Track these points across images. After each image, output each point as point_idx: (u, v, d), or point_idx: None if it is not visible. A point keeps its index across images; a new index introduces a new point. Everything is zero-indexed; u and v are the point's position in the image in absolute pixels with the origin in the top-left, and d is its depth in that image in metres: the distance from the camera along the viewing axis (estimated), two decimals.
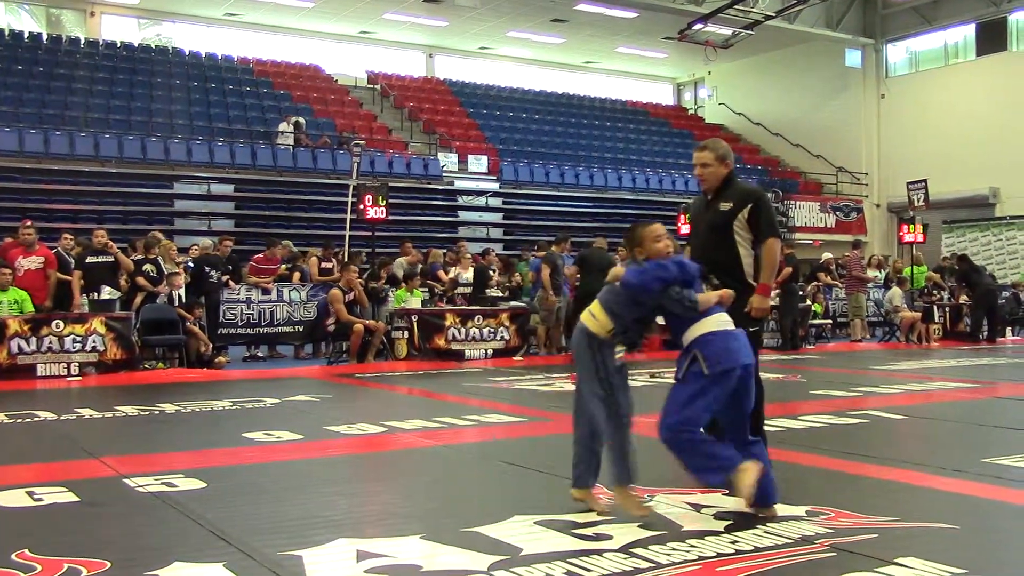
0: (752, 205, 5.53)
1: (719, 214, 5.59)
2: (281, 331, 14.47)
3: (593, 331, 4.57)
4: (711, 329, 4.52)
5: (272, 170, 22.41)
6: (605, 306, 4.58)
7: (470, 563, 3.76)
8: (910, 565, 3.66)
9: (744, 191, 5.68)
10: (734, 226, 5.53)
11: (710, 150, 5.69)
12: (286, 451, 6.53)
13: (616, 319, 4.54)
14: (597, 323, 4.57)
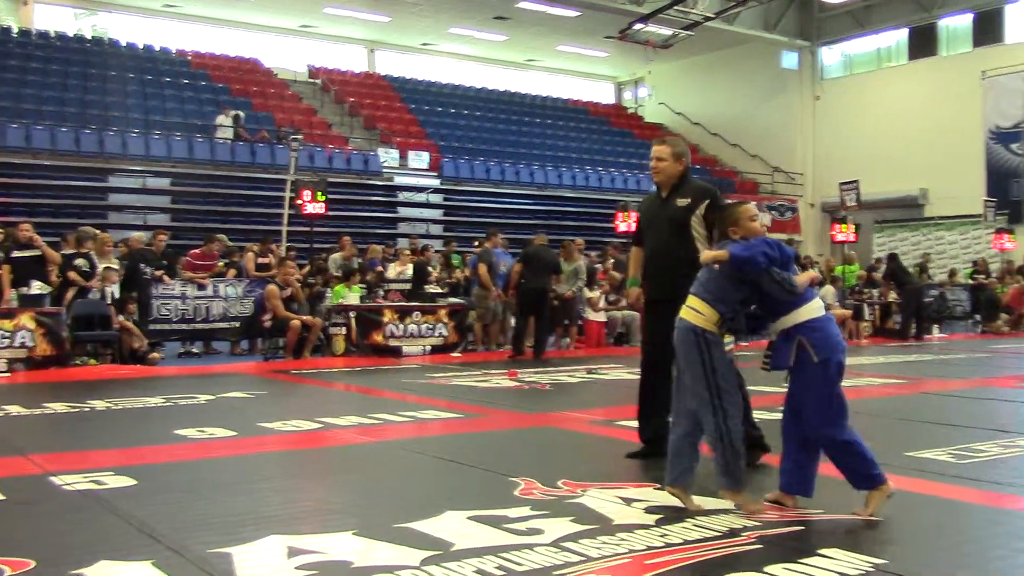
0: (709, 201, 5.59)
1: (677, 210, 5.64)
2: (216, 327, 14.30)
3: (701, 326, 4.44)
4: (815, 315, 4.46)
5: (210, 164, 22.12)
6: (707, 295, 4.46)
7: (402, 558, 3.76)
8: (833, 556, 3.75)
9: (700, 187, 5.76)
10: (691, 222, 5.58)
11: (668, 145, 5.77)
12: (218, 448, 6.47)
13: (722, 306, 4.43)
14: (703, 317, 4.44)
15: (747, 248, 4.38)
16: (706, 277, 4.53)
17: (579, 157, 29.50)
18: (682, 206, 5.64)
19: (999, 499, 4.92)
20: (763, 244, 4.43)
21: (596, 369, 11.89)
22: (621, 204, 20.16)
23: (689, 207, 5.62)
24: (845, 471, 4.51)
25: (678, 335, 4.54)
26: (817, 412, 4.44)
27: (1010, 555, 3.96)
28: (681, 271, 5.41)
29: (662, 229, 5.77)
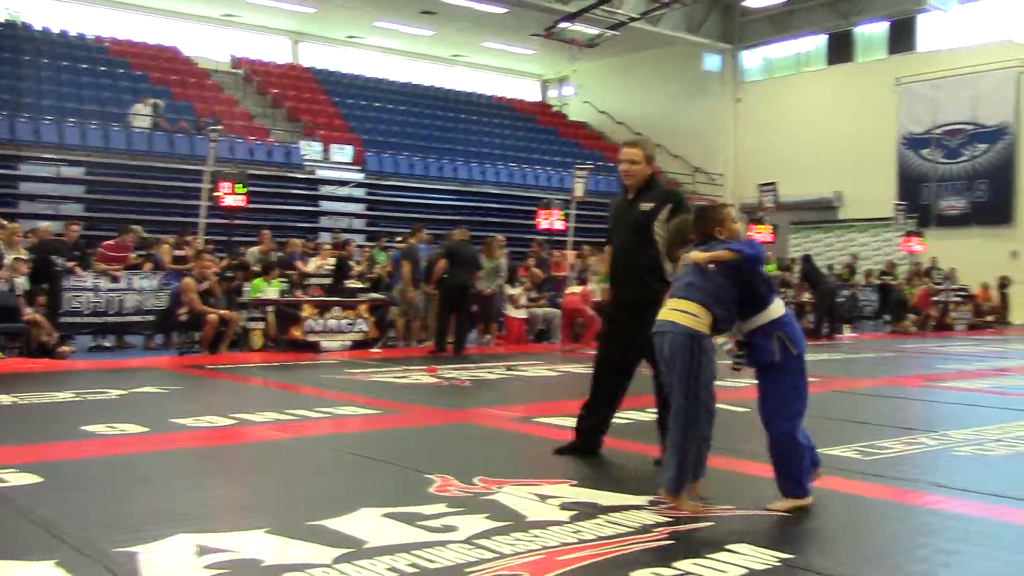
0: (672, 205, 5.55)
1: (641, 214, 5.61)
2: (130, 320, 13.95)
3: (698, 330, 4.43)
4: (784, 311, 4.61)
5: (126, 153, 21.59)
6: (701, 297, 4.44)
7: (314, 556, 3.73)
8: (741, 551, 3.83)
9: (664, 192, 5.76)
10: (654, 226, 5.54)
11: (640, 148, 5.71)
12: (129, 444, 6.32)
13: (719, 307, 4.45)
14: (698, 320, 4.44)
15: (751, 246, 4.48)
16: (697, 279, 4.50)
17: (503, 154, 29.54)
18: (645, 210, 5.61)
19: (902, 495, 5.07)
20: (757, 245, 4.58)
21: (516, 366, 11.93)
22: (544, 202, 20.24)
23: (652, 211, 5.58)
24: (781, 472, 4.62)
25: (671, 339, 4.50)
26: (787, 404, 4.61)
27: (912, 549, 4.09)
28: (642, 275, 5.57)
29: (626, 231, 5.74)
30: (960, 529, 4.41)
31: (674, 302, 4.53)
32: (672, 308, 4.52)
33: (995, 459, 6.05)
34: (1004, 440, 6.67)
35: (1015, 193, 27.07)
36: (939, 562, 3.85)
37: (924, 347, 17.02)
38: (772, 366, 4.61)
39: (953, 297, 23.80)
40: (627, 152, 5.73)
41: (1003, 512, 4.67)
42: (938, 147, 28.51)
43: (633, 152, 5.70)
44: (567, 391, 10.00)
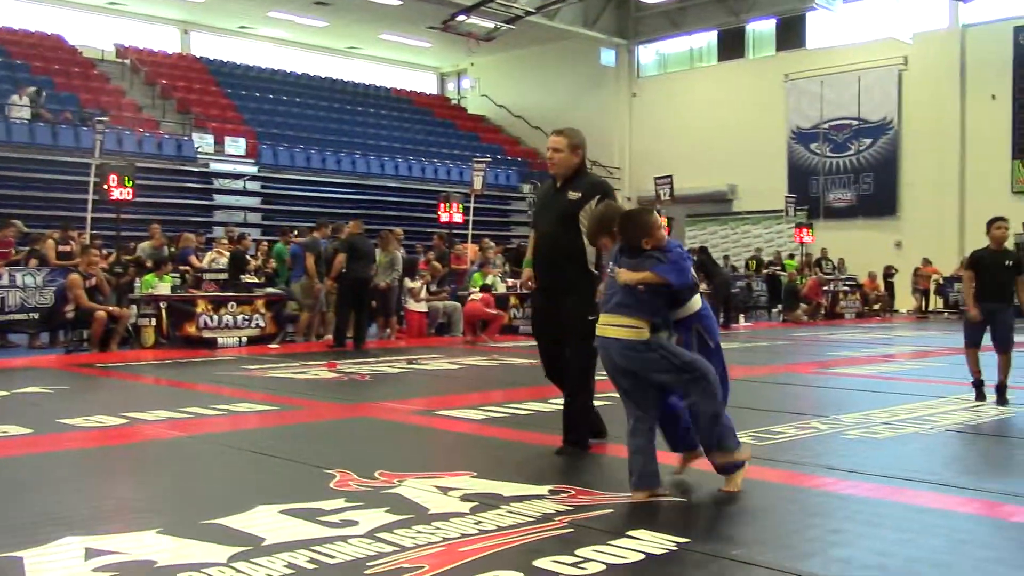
0: (600, 196, 5.55)
1: (568, 203, 5.60)
2: (13, 318, 13.39)
3: (643, 340, 4.49)
4: (701, 303, 4.72)
5: (6, 145, 20.72)
6: (634, 310, 4.50)
7: (209, 555, 3.63)
8: (640, 537, 3.88)
9: (593, 182, 5.74)
10: (580, 216, 5.55)
11: (565, 136, 5.70)
12: (12, 446, 6.06)
13: (654, 316, 4.52)
14: (638, 331, 4.49)
15: (680, 273, 4.52)
16: (627, 298, 4.52)
17: (402, 147, 29.36)
18: (573, 199, 5.61)
19: (794, 477, 5.21)
20: (685, 259, 4.61)
21: (417, 359, 11.87)
22: (443, 195, 20.20)
23: (579, 201, 5.58)
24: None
25: (620, 356, 4.55)
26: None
27: (804, 528, 4.20)
28: (564, 262, 5.64)
29: (551, 219, 5.74)
30: (848, 509, 4.55)
31: (610, 318, 4.59)
32: (610, 324, 4.59)
33: (882, 441, 6.27)
34: (891, 423, 6.92)
35: (899, 186, 28.14)
36: (828, 541, 3.96)
37: (815, 335, 17.55)
38: None
39: (842, 287, 24.63)
40: (552, 140, 5.73)
41: (889, 492, 4.84)
42: (825, 141, 29.45)
43: (556, 140, 5.70)
44: (468, 384, 10.01)
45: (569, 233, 5.61)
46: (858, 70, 28.58)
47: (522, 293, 17.84)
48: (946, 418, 7.21)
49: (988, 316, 8.09)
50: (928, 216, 27.06)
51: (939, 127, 27.10)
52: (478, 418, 7.19)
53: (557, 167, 5.72)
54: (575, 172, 5.72)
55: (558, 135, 5.75)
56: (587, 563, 3.55)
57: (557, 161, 5.69)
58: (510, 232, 27.99)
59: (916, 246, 26.25)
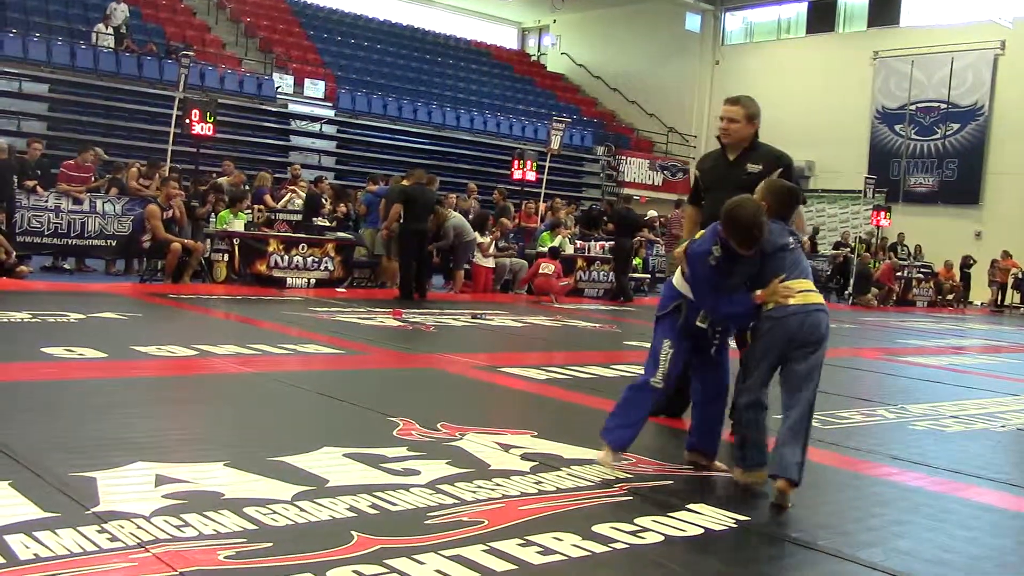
0: (782, 169, 5.21)
1: (748, 176, 5.17)
2: (92, 244, 13.73)
3: None
4: None
5: (92, 73, 21.09)
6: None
7: (274, 492, 3.70)
8: (699, 511, 3.86)
9: (774, 154, 5.34)
10: None
11: (742, 106, 5.30)
12: (88, 369, 6.24)
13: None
14: None
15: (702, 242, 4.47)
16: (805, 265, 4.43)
17: (479, 101, 29.27)
18: (753, 172, 5.19)
19: (857, 464, 5.13)
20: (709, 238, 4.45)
21: (481, 315, 11.92)
22: (518, 152, 20.12)
23: (761, 173, 5.15)
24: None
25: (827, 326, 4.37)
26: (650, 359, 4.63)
27: (866, 517, 4.14)
28: None
29: (727, 194, 5.17)
30: (912, 501, 4.48)
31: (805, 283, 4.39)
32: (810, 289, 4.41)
33: (950, 435, 6.14)
34: (960, 417, 6.78)
35: (984, 174, 27.34)
36: (890, 532, 3.91)
37: (885, 321, 17.24)
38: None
39: (916, 274, 24.10)
40: (726, 109, 5.33)
41: (955, 487, 4.75)
42: (911, 123, 28.68)
43: (732, 110, 5.29)
44: (531, 343, 10.04)
45: None
46: (952, 52, 27.70)
47: (590, 256, 17.80)
48: (1019, 416, 7.03)
49: None
50: (1012, 208, 26.26)
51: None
52: (540, 378, 7.20)
53: (731, 138, 5.30)
54: (750, 144, 5.33)
55: (733, 104, 5.33)
56: (646, 532, 3.54)
57: (732, 132, 5.28)
58: (581, 194, 27.83)
59: (997, 237, 25.53)
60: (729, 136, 5.31)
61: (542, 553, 3.23)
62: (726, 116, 5.29)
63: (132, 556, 2.94)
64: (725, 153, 5.40)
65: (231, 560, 2.97)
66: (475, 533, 3.38)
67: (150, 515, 3.32)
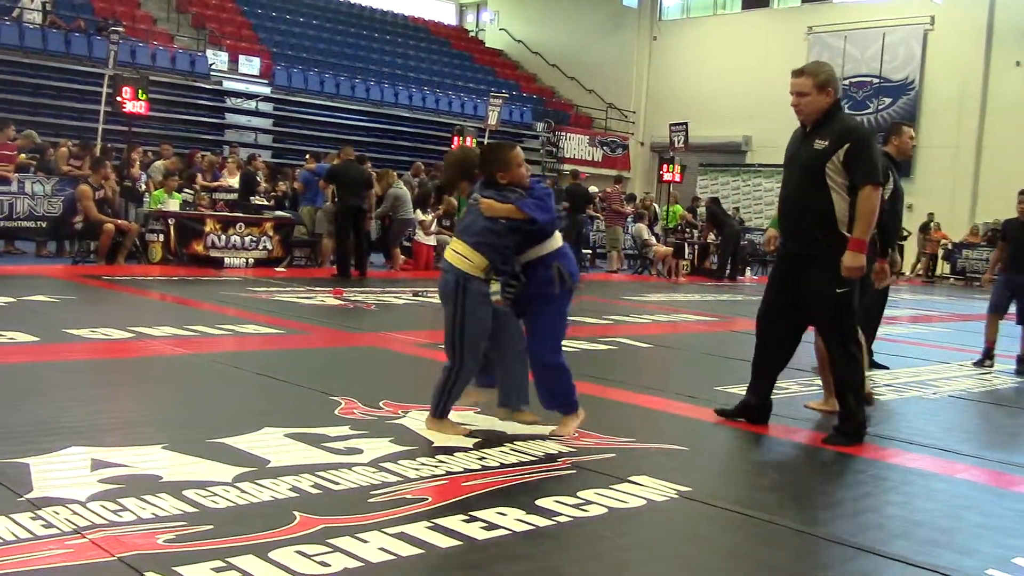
0: (850, 144, 4.75)
1: (812, 153, 4.84)
2: (21, 226, 13.37)
3: (466, 271, 4.36)
4: (562, 242, 4.61)
5: (18, 50, 20.47)
6: (475, 241, 4.36)
7: (214, 474, 3.66)
8: (641, 483, 3.90)
9: (844, 127, 4.85)
10: (827, 169, 4.79)
11: (808, 75, 4.89)
12: (18, 353, 6.08)
13: (494, 253, 4.38)
14: (470, 263, 4.36)
15: (544, 210, 4.41)
16: (475, 223, 4.40)
17: (417, 77, 29.02)
18: (818, 149, 4.82)
19: (794, 434, 5.22)
20: (550, 197, 4.52)
21: (423, 292, 11.87)
22: (457, 128, 20.03)
23: (826, 151, 4.79)
24: (549, 394, 4.66)
25: (443, 280, 4.48)
26: (557, 334, 4.63)
27: (802, 485, 4.23)
28: (810, 226, 4.87)
29: (795, 172, 5.00)
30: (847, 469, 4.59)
31: (458, 244, 4.45)
32: (455, 249, 4.46)
33: (883, 403, 6.27)
34: (893, 386, 6.94)
35: (916, 148, 27.85)
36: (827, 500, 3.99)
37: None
38: (544, 297, 4.56)
39: None
40: (793, 83, 4.93)
41: (888, 454, 4.86)
42: (845, 98, 29.07)
43: (799, 83, 4.90)
44: None
45: (815, 190, 4.82)
46: (883, 27, 28.15)
47: None
48: (949, 384, 7.22)
49: (1014, 288, 8.10)
50: (942, 181, 26.83)
51: (961, 90, 26.76)
52: None
53: (804, 113, 4.92)
54: (825, 114, 4.89)
55: (799, 75, 4.92)
56: (589, 505, 3.57)
57: (803, 106, 4.90)
58: None
59: (927, 210, 26.08)
60: (802, 111, 4.94)
61: (486, 528, 3.24)
62: (794, 91, 4.93)
63: (68, 542, 2.88)
64: (804, 128, 5.02)
65: (171, 544, 2.93)
66: (419, 510, 3.38)
67: (86, 500, 3.26)
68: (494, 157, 4.52)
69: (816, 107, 4.89)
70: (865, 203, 4.75)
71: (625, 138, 32.41)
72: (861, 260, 4.77)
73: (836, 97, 4.92)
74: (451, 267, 4.43)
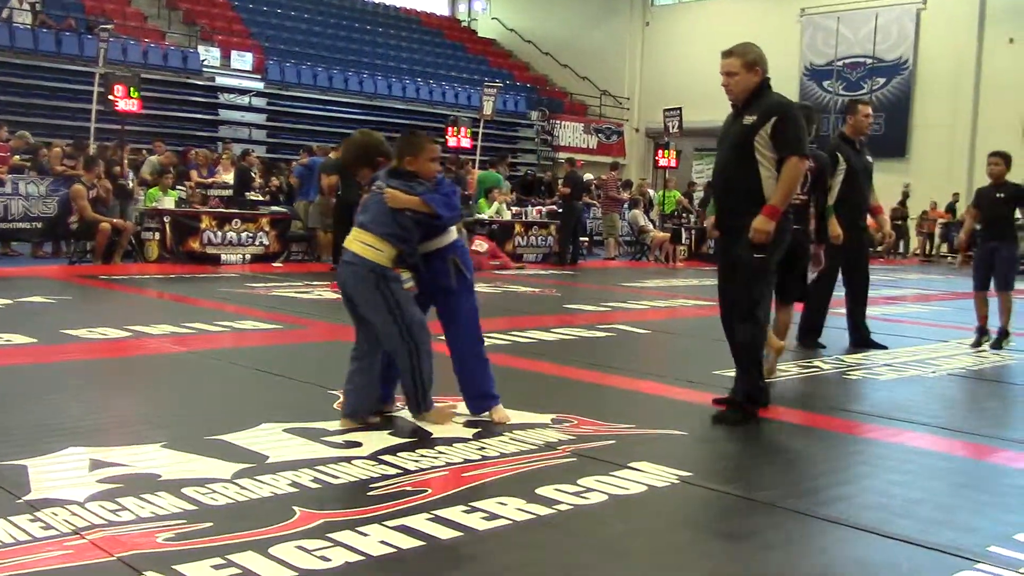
0: (777, 118, 4.79)
1: (741, 129, 4.88)
2: (16, 227, 13.36)
3: (380, 264, 4.30)
4: (456, 236, 4.60)
5: (8, 51, 20.38)
6: (385, 231, 4.30)
7: (213, 471, 3.65)
8: (642, 468, 3.89)
9: (771, 103, 4.88)
10: (755, 143, 4.81)
11: (737, 55, 4.93)
12: (16, 355, 6.07)
13: (403, 244, 4.33)
14: (381, 254, 4.30)
15: (449, 207, 4.40)
16: (383, 213, 4.33)
17: (410, 68, 28.93)
18: (747, 124, 4.84)
19: (795, 416, 5.21)
20: (455, 194, 4.51)
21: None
22: (451, 119, 19.98)
23: (753, 125, 4.81)
24: (475, 390, 4.66)
25: (351, 272, 4.37)
26: (474, 326, 4.64)
27: (804, 467, 4.23)
28: (739, 201, 4.86)
29: (724, 151, 5.04)
30: (849, 449, 4.59)
31: (361, 233, 4.38)
32: (357, 239, 4.38)
33: (883, 383, 6.27)
34: (893, 365, 6.92)
35: (911, 128, 27.83)
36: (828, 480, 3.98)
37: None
38: (448, 290, 4.57)
39: None
40: (723, 64, 4.96)
41: (889, 433, 4.85)
42: (839, 79, 29.04)
43: (728, 63, 4.94)
44: None
45: (743, 166, 4.83)
46: (876, 7, 28.04)
47: (527, 221, 17.81)
48: (949, 362, 7.21)
49: (989, 254, 8.07)
50: (938, 160, 26.78)
51: (955, 69, 26.69)
52: None
53: (734, 92, 4.95)
54: (754, 94, 4.92)
55: (728, 56, 4.96)
56: (589, 493, 3.56)
57: (732, 86, 4.93)
58: (517, 159, 27.75)
59: (924, 189, 26.03)
60: (731, 91, 4.97)
61: (487, 519, 3.23)
62: (724, 71, 4.97)
63: (67, 543, 2.88)
64: (735, 108, 5.06)
65: (170, 542, 2.92)
66: (419, 502, 3.37)
67: (85, 501, 3.26)
68: (410, 143, 4.47)
69: (745, 86, 4.92)
70: (788, 172, 4.76)
71: (620, 125, 32.33)
72: (770, 225, 4.73)
73: (764, 76, 4.97)
74: (360, 259, 4.33)
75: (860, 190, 7.50)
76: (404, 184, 4.38)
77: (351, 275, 4.39)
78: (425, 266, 4.50)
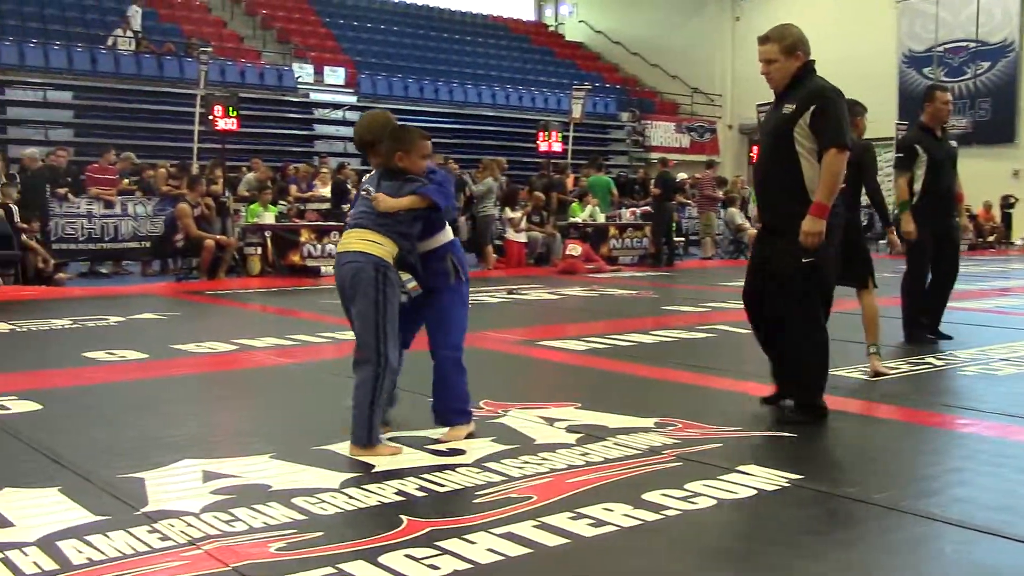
0: (816, 106, 4.53)
1: (780, 118, 4.63)
2: (126, 247, 13.85)
3: (385, 259, 4.12)
4: (452, 236, 4.48)
5: (113, 77, 21.17)
6: (385, 228, 4.14)
7: (321, 481, 3.70)
8: (751, 472, 3.80)
9: (810, 90, 4.62)
10: (795, 133, 4.56)
11: (773, 41, 4.70)
12: (129, 371, 6.28)
13: (404, 240, 4.19)
14: (385, 249, 4.13)
15: (447, 196, 4.23)
16: (381, 213, 4.16)
17: (499, 75, 29.07)
18: (785, 114, 4.60)
19: (909, 414, 5.04)
20: (449, 183, 4.36)
21: (516, 289, 11.87)
22: (542, 124, 19.97)
23: (792, 115, 4.56)
24: (448, 399, 4.46)
25: (353, 269, 4.13)
26: (459, 328, 4.49)
27: (921, 467, 4.08)
28: (779, 195, 4.65)
29: (764, 143, 4.85)
30: (968, 448, 4.40)
31: (358, 232, 4.18)
32: (356, 237, 4.18)
33: (1002, 378, 6.02)
34: (1011, 360, 6.64)
35: (1018, 111, 26.77)
36: (948, 480, 3.83)
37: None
38: (443, 290, 4.41)
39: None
40: (760, 51, 4.72)
41: (1011, 431, 4.64)
42: (940, 65, 28.11)
43: (765, 50, 4.70)
44: (569, 315, 9.98)
45: (783, 159, 4.59)
46: None
47: (621, 223, 17.71)
48: None
49: None
50: None
51: None
52: (580, 349, 7.15)
53: (775, 80, 4.71)
54: (795, 79, 4.67)
55: (764, 42, 4.72)
56: (697, 498, 3.49)
57: (772, 73, 4.70)
58: (609, 162, 27.63)
59: None
60: (772, 79, 4.75)
61: (593, 525, 3.20)
62: (762, 59, 4.75)
63: (184, 554, 2.94)
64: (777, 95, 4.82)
65: (282, 552, 2.96)
66: (525, 509, 3.35)
67: (199, 512, 3.33)
68: (403, 136, 4.27)
69: (785, 72, 4.68)
70: (830, 166, 4.49)
71: (712, 122, 31.88)
72: (820, 225, 4.47)
73: (806, 60, 4.70)
74: (363, 255, 4.12)
75: (945, 179, 7.23)
76: (395, 185, 4.20)
77: (353, 271, 4.16)
78: (422, 266, 4.37)
